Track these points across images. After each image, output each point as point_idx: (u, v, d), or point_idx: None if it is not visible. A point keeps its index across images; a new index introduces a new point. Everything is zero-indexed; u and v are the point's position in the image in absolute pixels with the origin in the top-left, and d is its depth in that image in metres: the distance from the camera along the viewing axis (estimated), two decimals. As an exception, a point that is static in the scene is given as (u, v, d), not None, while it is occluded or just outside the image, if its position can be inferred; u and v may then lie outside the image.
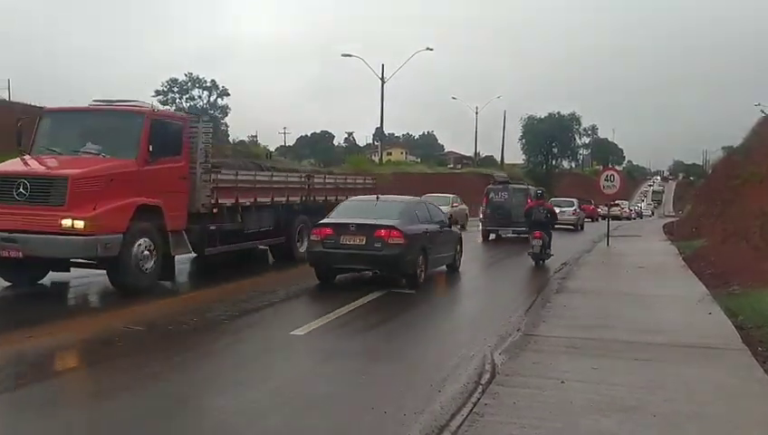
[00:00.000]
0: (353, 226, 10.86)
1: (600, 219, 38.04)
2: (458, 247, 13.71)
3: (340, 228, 10.91)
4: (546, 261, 15.18)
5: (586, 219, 35.14)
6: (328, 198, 15.71)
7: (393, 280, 11.04)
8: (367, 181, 18.74)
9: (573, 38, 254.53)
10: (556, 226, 18.22)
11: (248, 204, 12.52)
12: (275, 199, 13.47)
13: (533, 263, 15.07)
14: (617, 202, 51.75)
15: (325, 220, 11.59)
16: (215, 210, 11.49)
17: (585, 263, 15.52)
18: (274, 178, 13.69)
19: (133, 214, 9.43)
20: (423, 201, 13.79)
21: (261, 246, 14.06)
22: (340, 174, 18.58)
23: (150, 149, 9.94)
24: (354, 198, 14.05)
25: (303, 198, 14.63)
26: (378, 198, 12.77)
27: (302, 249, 13.80)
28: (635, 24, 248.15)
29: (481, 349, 6.94)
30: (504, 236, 23.43)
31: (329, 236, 10.91)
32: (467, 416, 4.77)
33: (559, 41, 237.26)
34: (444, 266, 13.12)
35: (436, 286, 11.59)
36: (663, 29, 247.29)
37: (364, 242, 10.67)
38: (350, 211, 11.82)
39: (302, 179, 14.86)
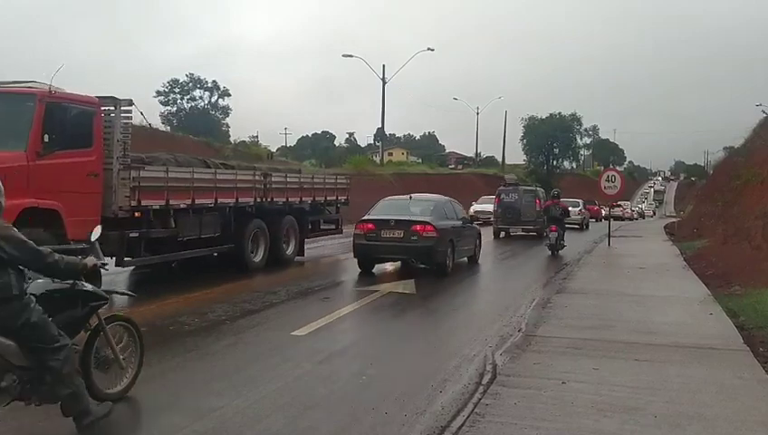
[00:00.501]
0: (393, 221, 12.58)
1: (603, 219, 38.98)
2: (478, 242, 15.38)
3: (381, 224, 12.61)
4: (560, 251, 17.55)
5: (590, 219, 36.52)
6: (291, 199, 14.01)
7: (396, 281, 11.21)
8: (340, 181, 16.70)
9: (575, 39, 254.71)
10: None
11: (184, 206, 10.78)
12: (221, 201, 11.70)
13: (550, 253, 17.36)
14: (618, 203, 52.80)
15: (367, 217, 13.19)
16: (137, 214, 9.84)
17: (586, 263, 15.51)
18: (220, 177, 11.79)
19: (16, 219, 7.31)
20: (450, 200, 14.97)
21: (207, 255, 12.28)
22: (309, 174, 16.45)
23: (46, 138, 8.36)
24: (389, 197, 15.42)
25: (259, 200, 12.84)
26: (410, 197, 14.37)
27: (258, 259, 12.85)
28: (637, 26, 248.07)
29: (482, 349, 6.95)
30: (512, 233, 24.87)
31: (371, 230, 12.60)
32: (468, 417, 4.77)
33: (561, 42, 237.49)
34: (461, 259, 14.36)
35: (438, 286, 11.57)
36: (664, 30, 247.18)
37: (402, 235, 12.39)
38: (387, 209, 13.55)
39: (257, 178, 12.91)
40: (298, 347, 7.14)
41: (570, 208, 23.94)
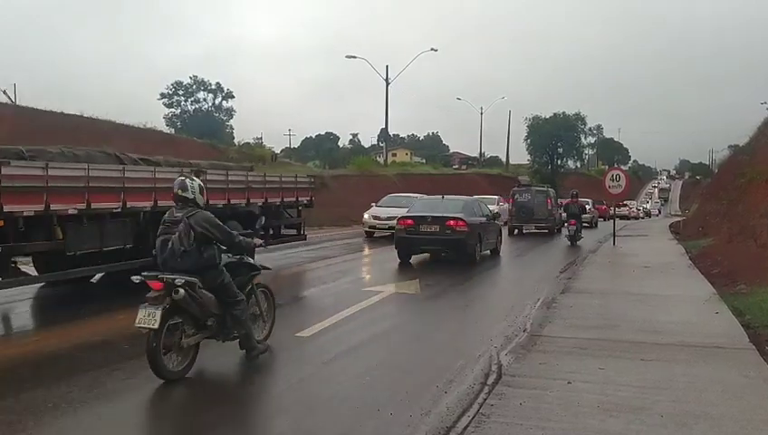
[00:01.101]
0: (430, 217, 14.67)
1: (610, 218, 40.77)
2: (499, 237, 17.52)
3: (420, 220, 14.74)
4: (578, 242, 20.98)
5: (599, 218, 38.72)
6: (234, 201, 11.78)
7: (400, 281, 11.13)
8: (300, 180, 14.89)
9: (579, 39, 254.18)
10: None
11: (74, 212, 8.62)
12: (132, 205, 9.50)
13: (569, 243, 20.86)
14: (624, 202, 54.65)
15: (407, 214, 15.39)
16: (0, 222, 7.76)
17: (591, 262, 15.47)
18: (130, 175, 9.54)
19: None
20: (477, 199, 17.67)
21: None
22: (262, 172, 14.19)
23: None
24: (424, 197, 17.89)
25: None
26: (443, 197, 16.80)
27: None
28: (640, 25, 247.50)
29: (487, 350, 6.93)
30: (525, 231, 26.33)
31: (410, 225, 14.76)
32: (474, 417, 4.76)
33: (564, 42, 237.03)
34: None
35: (442, 287, 11.57)
36: (669, 29, 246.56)
37: (438, 229, 14.47)
38: (424, 207, 16.03)
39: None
40: (302, 348, 7.14)
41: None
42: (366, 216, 23.03)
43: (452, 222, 14.34)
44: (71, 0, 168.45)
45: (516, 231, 26.01)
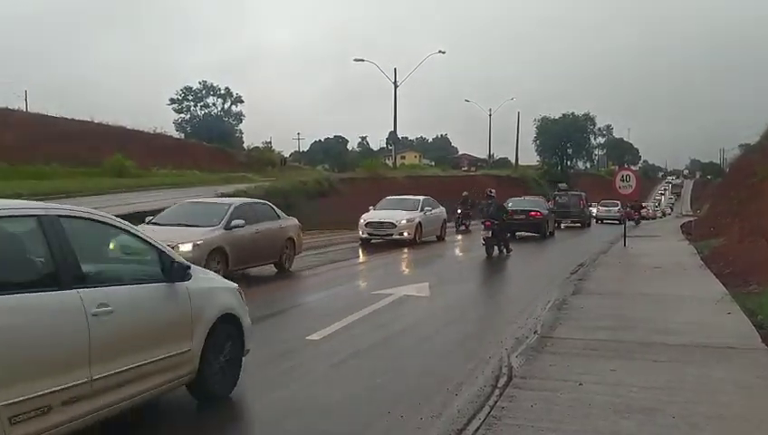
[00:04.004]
0: (519, 211, 23.34)
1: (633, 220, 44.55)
2: (554, 223, 27.39)
3: (515, 212, 22.23)
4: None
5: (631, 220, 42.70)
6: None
7: (410, 284, 11.28)
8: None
9: (588, 39, 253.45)
10: (604, 221, 39.61)
11: None
12: None
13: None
14: (642, 205, 57.29)
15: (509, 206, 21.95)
16: None
17: (602, 263, 15.42)
18: None
19: None
20: (543, 198, 30.34)
21: None
22: None
23: None
24: (514, 199, 25.58)
25: None
26: (525, 198, 27.58)
27: None
28: (650, 24, 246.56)
29: (497, 352, 6.92)
30: (563, 226, 32.08)
31: (510, 217, 20.00)
32: (485, 419, 4.76)
33: (573, 42, 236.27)
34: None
35: (452, 289, 11.56)
36: (678, 29, 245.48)
37: (524, 217, 23.61)
38: (518, 204, 24.66)
39: None
40: (313, 351, 7.16)
41: (610, 208, 39.45)
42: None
43: (533, 213, 24.33)
44: (83, 9, 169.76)
45: (556, 224, 30.12)
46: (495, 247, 17.18)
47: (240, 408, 5.23)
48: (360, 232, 20.15)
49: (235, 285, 5.86)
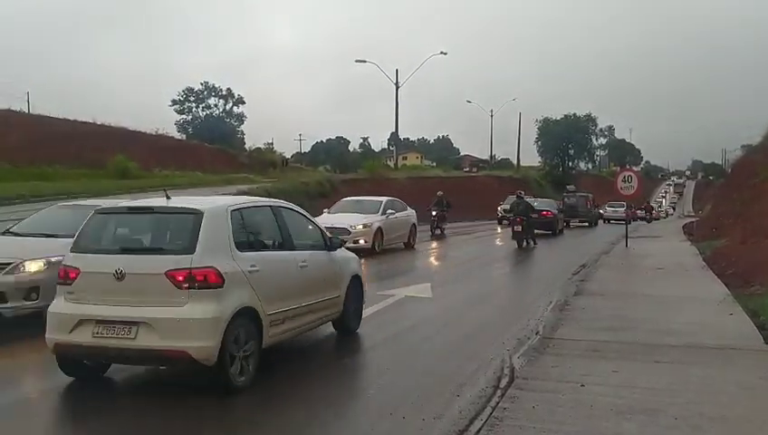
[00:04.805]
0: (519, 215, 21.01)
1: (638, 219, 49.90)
2: (562, 222, 29.69)
3: (514, 213, 21.32)
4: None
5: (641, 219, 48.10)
6: None
7: (412, 285, 11.40)
8: None
9: (589, 39, 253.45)
10: (611, 221, 41.17)
11: None
12: None
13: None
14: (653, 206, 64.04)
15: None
16: None
17: (604, 264, 15.40)
18: None
19: None
20: (555, 201, 32.64)
21: None
22: None
23: None
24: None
25: None
26: (536, 200, 27.84)
27: None
28: (651, 25, 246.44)
29: (499, 353, 6.92)
30: (572, 225, 34.12)
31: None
32: (486, 420, 4.76)
33: (575, 43, 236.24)
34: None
35: (454, 290, 11.56)
36: (680, 29, 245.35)
37: (537, 216, 23.23)
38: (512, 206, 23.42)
39: None
40: (316, 351, 7.16)
41: (617, 208, 40.41)
42: None
43: (545, 212, 26.24)
44: (83, 10, 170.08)
45: (565, 223, 32.30)
46: (524, 240, 20.39)
47: (244, 408, 5.23)
48: None
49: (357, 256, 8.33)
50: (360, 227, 16.70)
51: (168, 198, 5.94)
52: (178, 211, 5.86)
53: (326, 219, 16.30)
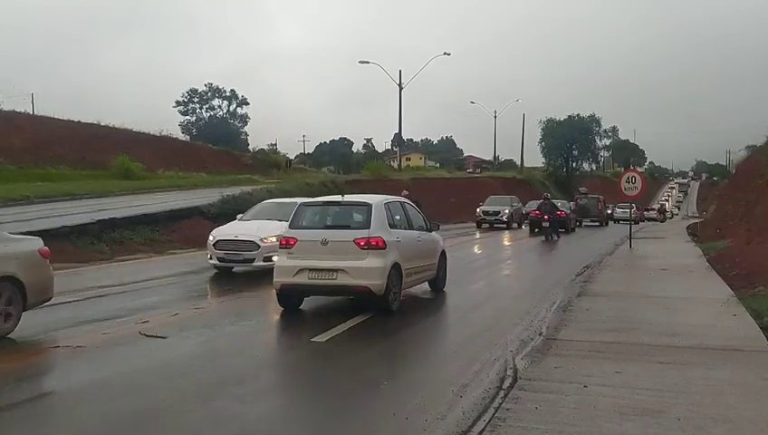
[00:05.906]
0: (546, 213, 26.37)
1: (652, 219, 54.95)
2: (574, 221, 32.69)
3: (542, 212, 26.49)
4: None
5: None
6: None
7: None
8: None
9: (594, 40, 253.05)
10: (621, 221, 40.91)
11: None
12: None
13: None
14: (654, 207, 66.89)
15: (533, 209, 28.94)
16: None
17: (607, 265, 15.37)
18: None
19: None
20: (566, 201, 34.76)
21: None
22: None
23: None
24: (533, 202, 31.23)
25: None
26: (559, 202, 31.13)
27: None
28: (656, 26, 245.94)
29: (502, 353, 6.91)
30: (584, 225, 36.77)
31: (538, 215, 27.15)
32: (489, 421, 4.75)
33: (579, 43, 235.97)
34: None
35: (457, 291, 11.54)
36: (685, 30, 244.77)
37: (553, 217, 26.40)
38: (540, 206, 27.92)
39: None
40: (318, 353, 7.17)
41: (625, 209, 38.61)
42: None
43: (559, 213, 27.87)
44: (88, 13, 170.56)
45: (578, 223, 35.16)
46: (550, 234, 25.38)
47: (245, 408, 5.25)
48: (209, 256, 13.48)
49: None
50: (274, 239, 11.98)
51: (343, 196, 9.81)
52: (357, 203, 9.42)
53: (229, 230, 13.69)
